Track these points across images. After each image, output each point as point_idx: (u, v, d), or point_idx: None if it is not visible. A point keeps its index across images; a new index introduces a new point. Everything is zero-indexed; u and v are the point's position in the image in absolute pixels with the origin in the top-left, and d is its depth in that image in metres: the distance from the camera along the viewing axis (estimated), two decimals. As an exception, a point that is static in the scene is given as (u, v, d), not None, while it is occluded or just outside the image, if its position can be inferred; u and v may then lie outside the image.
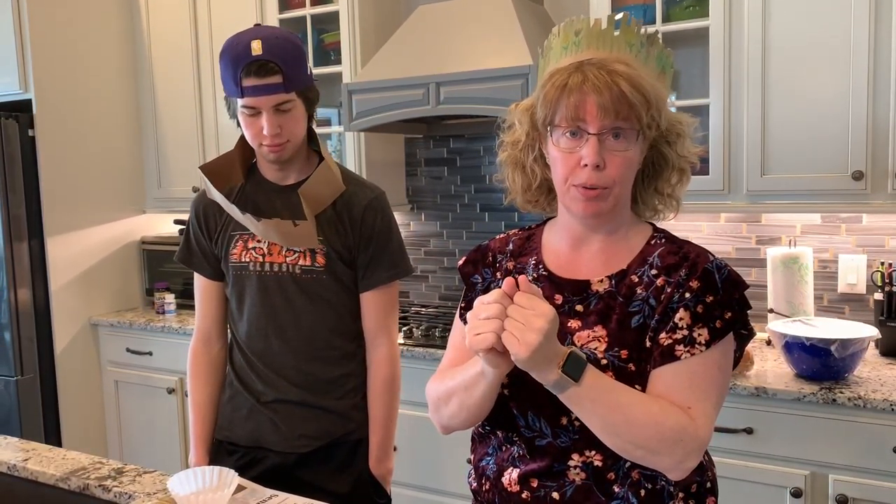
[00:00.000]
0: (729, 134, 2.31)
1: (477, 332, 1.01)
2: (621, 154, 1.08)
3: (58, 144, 3.26)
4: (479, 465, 1.24)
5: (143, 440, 3.36)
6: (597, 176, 1.08)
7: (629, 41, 1.13)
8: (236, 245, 1.72)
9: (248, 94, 1.57)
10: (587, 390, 1.03)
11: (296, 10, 3.07)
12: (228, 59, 1.58)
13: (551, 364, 1.01)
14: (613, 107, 1.06)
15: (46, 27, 3.19)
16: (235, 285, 1.74)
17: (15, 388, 3.17)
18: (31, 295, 3.21)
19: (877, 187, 2.14)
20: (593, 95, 1.06)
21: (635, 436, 1.05)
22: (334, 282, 1.70)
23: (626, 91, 1.06)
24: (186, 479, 1.33)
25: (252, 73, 1.55)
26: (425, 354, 2.58)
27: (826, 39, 2.17)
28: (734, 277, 1.12)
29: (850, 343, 1.99)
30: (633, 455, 1.07)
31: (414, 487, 2.65)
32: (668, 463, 1.07)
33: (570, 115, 1.08)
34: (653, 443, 1.05)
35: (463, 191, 3.19)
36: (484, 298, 1.03)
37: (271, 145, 1.62)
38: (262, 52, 1.55)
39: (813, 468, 2.01)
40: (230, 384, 1.79)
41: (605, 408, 1.04)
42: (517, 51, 2.46)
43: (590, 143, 1.07)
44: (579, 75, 1.08)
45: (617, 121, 1.07)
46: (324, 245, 1.68)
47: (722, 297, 1.10)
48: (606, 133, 1.07)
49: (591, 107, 1.06)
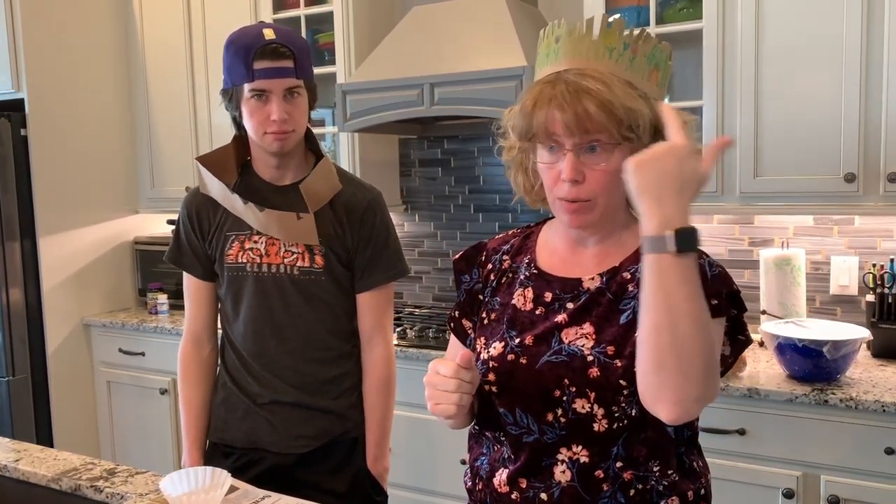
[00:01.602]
0: (722, 135, 2.32)
1: (437, 403, 1.08)
2: (599, 168, 1.07)
3: (50, 144, 3.25)
4: (475, 465, 1.24)
5: (135, 441, 3.35)
6: (576, 190, 1.08)
7: (609, 45, 1.09)
8: (232, 246, 1.71)
9: (259, 77, 1.58)
10: (682, 266, 0.96)
11: (290, 10, 3.07)
12: (239, 45, 1.59)
13: (666, 212, 0.96)
14: (578, 125, 1.04)
15: (39, 26, 3.18)
16: (231, 286, 1.73)
17: (7, 388, 3.16)
18: (24, 295, 3.20)
19: (869, 189, 2.15)
20: (558, 113, 1.05)
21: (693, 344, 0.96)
22: (332, 283, 1.70)
23: (591, 112, 1.03)
24: (179, 479, 1.32)
25: (266, 56, 1.58)
26: (419, 355, 2.58)
27: (819, 42, 2.18)
28: (724, 277, 1.11)
29: (843, 344, 1.99)
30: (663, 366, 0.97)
31: (407, 488, 2.65)
32: (686, 392, 0.97)
33: (543, 131, 1.07)
34: (696, 358, 0.96)
35: (457, 191, 3.20)
36: (439, 369, 1.08)
37: (278, 132, 1.61)
38: (275, 37, 1.59)
39: (805, 469, 2.02)
40: (223, 385, 1.78)
41: (688, 295, 0.96)
42: (511, 52, 2.47)
43: (567, 159, 1.06)
44: (549, 90, 1.06)
45: (590, 135, 1.05)
46: (323, 246, 1.68)
47: (709, 287, 1.07)
48: (582, 148, 1.06)
49: (559, 125, 1.05)
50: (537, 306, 1.17)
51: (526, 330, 1.16)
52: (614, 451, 1.11)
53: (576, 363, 1.10)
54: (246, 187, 1.72)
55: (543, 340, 1.14)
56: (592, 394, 1.09)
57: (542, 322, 1.15)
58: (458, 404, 1.07)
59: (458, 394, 1.06)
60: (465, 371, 1.07)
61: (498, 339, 1.17)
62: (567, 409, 1.10)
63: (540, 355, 1.13)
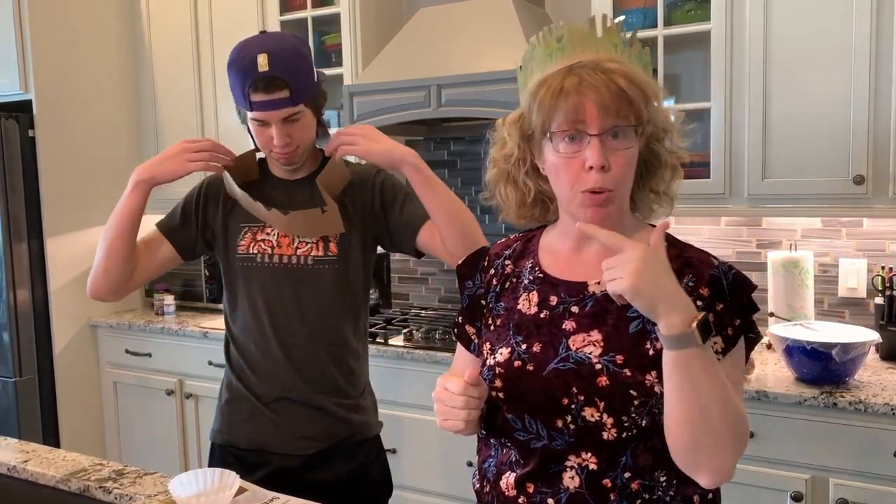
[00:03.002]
0: (730, 137, 2.32)
1: (445, 418, 1.10)
2: (623, 152, 1.07)
3: (58, 145, 3.26)
4: (483, 467, 1.24)
5: (141, 441, 3.36)
6: (603, 178, 1.06)
7: (613, 42, 1.12)
8: (244, 237, 1.72)
9: (256, 109, 1.59)
10: (704, 353, 0.99)
11: (297, 11, 3.07)
12: (235, 72, 1.59)
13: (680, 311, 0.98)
14: (614, 105, 1.04)
15: (47, 28, 3.19)
16: (239, 277, 1.72)
17: (14, 388, 3.16)
18: (31, 295, 3.21)
19: (878, 191, 2.14)
20: (592, 95, 1.05)
21: (726, 423, 1.00)
22: (346, 271, 1.70)
23: (624, 87, 1.05)
24: (187, 480, 1.33)
25: (260, 89, 1.56)
26: (426, 357, 2.58)
27: (827, 44, 2.17)
28: (741, 280, 1.10)
29: (852, 347, 1.99)
30: (700, 446, 1.02)
31: (416, 490, 2.65)
32: (724, 461, 1.03)
33: (569, 118, 1.06)
34: (731, 436, 1.02)
35: (463, 193, 3.19)
36: (448, 385, 1.09)
37: (281, 153, 1.65)
38: (268, 68, 1.54)
39: (814, 472, 2.01)
40: (228, 386, 1.77)
41: (713, 380, 1.00)
42: (518, 53, 2.43)
43: (592, 145, 1.05)
44: (574, 78, 1.06)
45: (617, 119, 1.06)
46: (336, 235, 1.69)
47: (731, 303, 1.09)
48: (607, 133, 1.06)
49: (591, 107, 1.05)
50: (542, 310, 1.16)
51: (532, 335, 1.15)
52: (623, 461, 1.10)
53: (584, 371, 1.09)
54: (262, 182, 1.75)
55: (550, 347, 1.13)
56: (602, 403, 1.08)
57: (548, 327, 1.15)
58: (466, 420, 1.09)
59: (467, 410, 1.08)
60: (474, 388, 1.08)
61: (504, 345, 1.17)
62: (576, 417, 1.09)
63: (547, 362, 1.12)
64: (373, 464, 1.77)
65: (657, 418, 1.07)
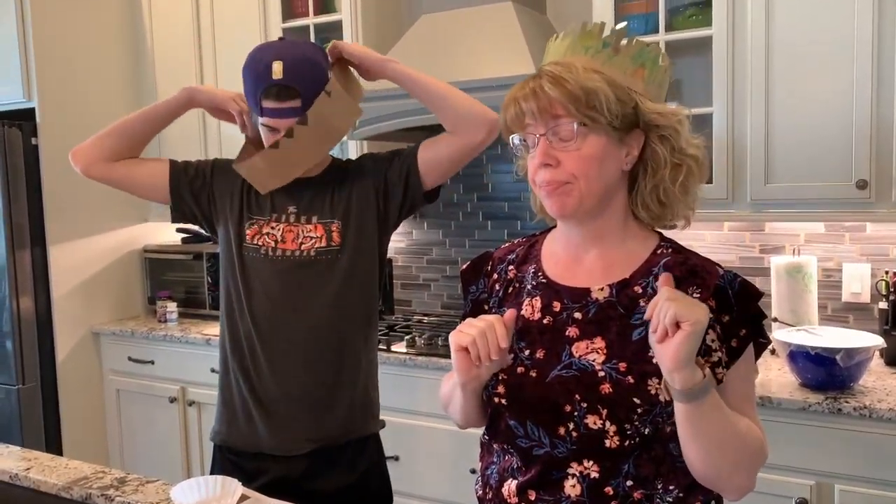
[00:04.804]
0: (732, 143, 2.31)
1: (460, 330, 1.08)
2: (572, 152, 1.09)
3: (61, 153, 3.23)
4: (485, 474, 1.23)
5: (144, 449, 3.35)
6: (552, 172, 1.10)
7: (586, 45, 1.13)
8: (251, 228, 1.73)
9: (267, 115, 1.60)
10: (714, 397, 1.03)
11: (299, 18, 3.08)
12: (249, 75, 1.60)
13: (695, 369, 1.01)
14: (539, 108, 1.08)
15: (50, 36, 3.20)
16: (243, 268, 1.71)
17: (16, 396, 3.17)
18: (33, 303, 3.21)
19: (881, 196, 2.14)
20: (522, 103, 1.10)
21: (742, 450, 1.07)
22: (350, 260, 1.69)
23: (546, 88, 1.08)
24: (190, 488, 1.33)
25: (272, 96, 1.57)
26: (428, 363, 2.57)
27: (829, 49, 2.17)
28: (747, 289, 1.10)
29: (856, 352, 1.98)
30: (721, 474, 1.08)
31: (418, 498, 2.64)
32: (739, 482, 1.09)
33: (516, 127, 1.13)
34: (747, 458, 1.08)
35: (465, 199, 3.19)
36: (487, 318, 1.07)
37: None
38: (283, 77, 1.55)
39: (818, 478, 2.00)
40: (227, 386, 1.76)
41: (723, 421, 1.04)
42: (520, 60, 2.47)
43: (538, 145, 1.10)
44: (517, 89, 1.12)
45: (555, 119, 1.08)
46: (338, 220, 1.69)
47: (737, 315, 1.08)
48: (552, 132, 1.09)
49: (526, 114, 1.10)
50: (546, 316, 1.16)
51: (536, 342, 1.15)
52: (625, 469, 1.09)
53: (586, 378, 1.09)
54: None
55: (553, 353, 1.13)
56: (605, 410, 1.07)
57: (551, 333, 1.14)
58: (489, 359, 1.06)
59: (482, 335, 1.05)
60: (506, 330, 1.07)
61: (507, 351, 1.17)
62: (579, 424, 1.09)
63: (550, 368, 1.12)
64: (373, 473, 1.76)
65: (660, 427, 1.07)
